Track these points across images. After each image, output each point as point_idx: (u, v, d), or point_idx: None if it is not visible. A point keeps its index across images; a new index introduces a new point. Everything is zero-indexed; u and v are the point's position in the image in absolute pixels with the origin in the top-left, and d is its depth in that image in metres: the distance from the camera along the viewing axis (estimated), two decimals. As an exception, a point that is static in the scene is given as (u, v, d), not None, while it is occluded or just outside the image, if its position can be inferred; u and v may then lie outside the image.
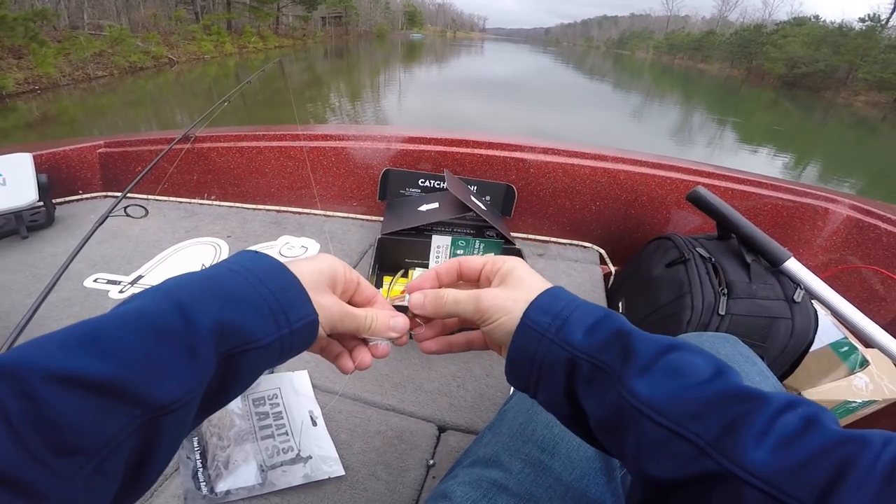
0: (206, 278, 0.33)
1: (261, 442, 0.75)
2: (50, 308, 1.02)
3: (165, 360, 0.27)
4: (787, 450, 0.27)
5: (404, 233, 1.08)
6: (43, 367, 0.23)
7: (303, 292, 0.36)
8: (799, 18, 44.96)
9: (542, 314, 0.37)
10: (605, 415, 0.34)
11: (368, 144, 1.47)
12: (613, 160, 1.43)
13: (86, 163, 1.52)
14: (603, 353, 0.35)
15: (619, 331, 0.35)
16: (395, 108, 11.76)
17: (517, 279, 0.41)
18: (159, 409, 0.26)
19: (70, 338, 0.26)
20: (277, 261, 0.36)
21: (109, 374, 0.25)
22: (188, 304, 0.30)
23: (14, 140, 7.32)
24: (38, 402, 0.22)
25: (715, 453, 0.28)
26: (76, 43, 13.46)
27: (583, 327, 0.36)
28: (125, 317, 0.28)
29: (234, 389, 0.33)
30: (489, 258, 0.44)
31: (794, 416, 0.29)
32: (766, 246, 0.97)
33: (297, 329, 0.34)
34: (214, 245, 1.32)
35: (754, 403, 0.29)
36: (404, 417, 0.85)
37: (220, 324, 0.30)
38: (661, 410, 0.31)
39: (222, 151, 1.52)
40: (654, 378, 0.32)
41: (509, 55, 47.92)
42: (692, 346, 0.35)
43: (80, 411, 0.23)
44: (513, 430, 0.58)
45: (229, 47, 22.06)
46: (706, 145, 10.44)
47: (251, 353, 0.32)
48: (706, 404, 0.30)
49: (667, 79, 34.71)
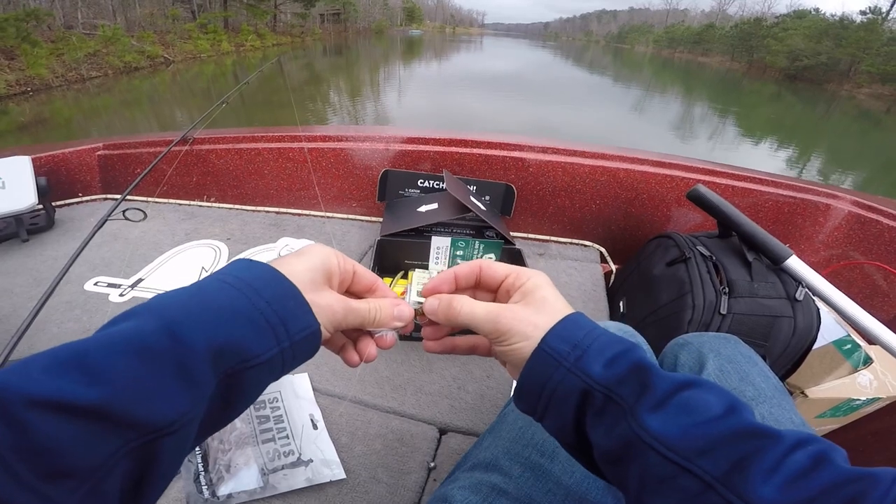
0: (196, 294, 0.32)
1: (262, 445, 0.75)
2: (51, 311, 1.02)
3: (155, 383, 0.27)
4: (796, 487, 0.27)
5: (404, 234, 1.08)
6: (25, 393, 0.23)
7: (302, 301, 0.34)
8: (799, 11, 44.81)
9: (561, 342, 0.36)
10: (612, 446, 0.34)
11: (367, 145, 1.46)
12: (613, 158, 1.42)
13: (85, 165, 1.52)
14: (620, 386, 0.34)
15: (639, 365, 0.35)
16: (395, 105, 11.71)
17: (540, 300, 0.39)
18: (154, 432, 0.26)
19: (53, 361, 0.25)
20: (272, 268, 0.35)
21: (96, 399, 0.24)
22: (178, 322, 0.29)
23: (5, 143, 7.29)
24: (23, 427, 0.22)
25: (722, 489, 0.28)
26: (69, 43, 13.28)
27: (602, 359, 0.35)
28: (111, 339, 0.27)
29: (238, 406, 0.33)
30: (513, 270, 0.42)
31: (803, 454, 0.29)
32: (768, 244, 0.96)
33: (298, 341, 0.34)
34: (214, 248, 1.32)
35: (765, 441, 0.29)
36: (405, 420, 0.85)
37: (215, 343, 0.29)
38: (671, 445, 0.31)
39: (221, 153, 1.52)
40: (668, 414, 0.32)
41: (508, 50, 47.72)
42: (708, 383, 0.35)
43: (67, 436, 0.23)
44: (513, 433, 0.58)
45: (226, 46, 21.89)
46: (708, 138, 10.39)
47: (252, 371, 0.31)
48: (716, 441, 0.30)
49: (667, 72, 34.53)
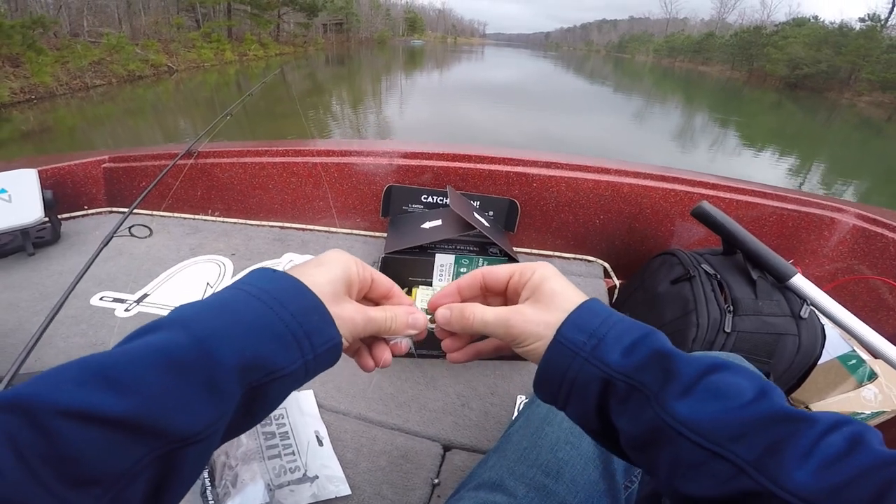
0: (224, 307, 0.32)
1: (268, 461, 0.75)
2: (57, 326, 1.02)
3: (184, 396, 0.27)
4: (830, 471, 0.27)
5: (408, 251, 1.08)
6: (55, 402, 0.23)
7: (326, 314, 0.35)
8: (798, 19, 44.85)
9: (576, 332, 0.36)
10: (639, 433, 0.34)
11: (371, 160, 1.47)
12: (616, 173, 1.42)
13: (90, 178, 1.53)
14: (641, 373, 0.34)
15: (659, 351, 0.34)
16: (397, 116, 11.71)
17: (549, 294, 0.39)
18: (179, 442, 0.26)
19: (84, 373, 0.25)
20: (296, 280, 0.35)
21: (125, 410, 0.25)
22: (208, 337, 0.29)
23: (8, 152, 7.31)
24: (52, 436, 0.23)
25: (754, 472, 0.28)
26: (74, 51, 13.32)
27: (620, 347, 0.35)
28: (141, 351, 0.28)
29: (260, 414, 0.33)
30: (516, 268, 0.42)
31: (838, 437, 0.28)
32: (772, 262, 0.96)
33: (320, 354, 0.34)
34: (219, 263, 1.33)
35: (799, 425, 0.29)
36: (409, 437, 0.85)
37: (243, 358, 0.30)
38: (701, 432, 0.30)
39: (226, 167, 1.52)
40: (696, 400, 0.32)
41: (510, 60, 48.01)
42: (735, 366, 0.34)
43: (95, 445, 0.23)
44: (517, 453, 0.58)
45: (229, 55, 22.03)
46: (709, 148, 10.41)
47: (276, 383, 0.32)
48: (749, 426, 0.30)
49: (668, 82, 34.66)
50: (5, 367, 0.65)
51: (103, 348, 0.98)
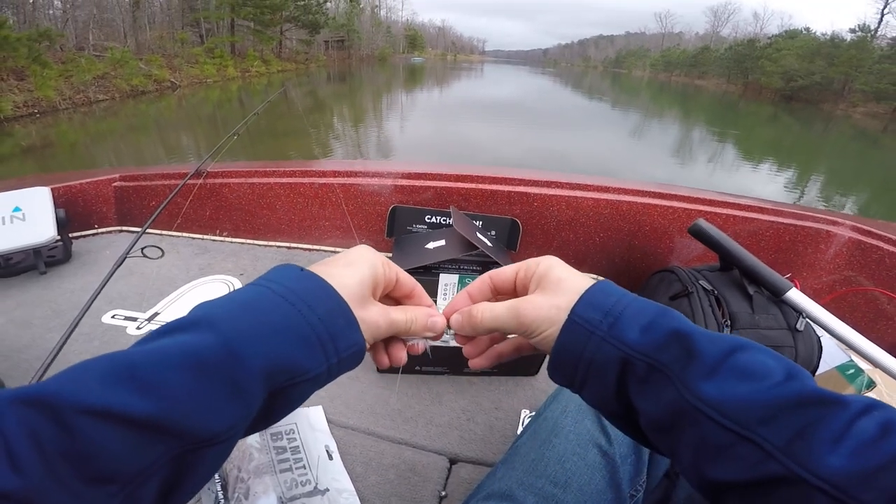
0: (251, 307, 0.31)
1: (279, 475, 0.77)
2: (70, 342, 1.04)
3: (208, 398, 0.27)
4: (862, 456, 0.26)
5: (412, 271, 1.11)
6: (80, 400, 0.24)
7: (352, 319, 0.34)
8: (791, 31, 45.22)
9: (591, 310, 0.35)
10: (661, 415, 0.32)
11: (376, 181, 1.50)
12: (616, 191, 1.45)
13: (101, 197, 1.55)
14: (660, 353, 0.33)
15: (678, 331, 0.33)
16: (398, 134, 11.71)
17: (555, 281, 0.38)
18: (199, 443, 0.27)
19: (109, 371, 0.25)
20: (324, 282, 0.34)
21: (149, 411, 0.25)
22: (235, 339, 0.29)
23: (8, 168, 7.29)
24: (74, 433, 0.23)
25: (782, 457, 0.27)
26: (78, 65, 13.27)
27: (637, 325, 0.34)
28: (168, 350, 0.27)
29: (278, 415, 0.33)
30: (521, 264, 0.41)
31: (870, 421, 0.27)
32: (768, 277, 0.99)
33: (345, 358, 0.34)
34: (228, 283, 1.35)
35: (831, 408, 0.28)
36: (417, 451, 0.87)
37: (269, 363, 0.29)
38: (728, 413, 0.29)
39: (234, 187, 1.55)
40: (722, 380, 0.30)
41: (509, 77, 48.22)
42: (759, 346, 0.33)
43: (116, 444, 0.24)
44: (525, 465, 0.59)
45: (232, 71, 22.13)
46: (707, 162, 10.45)
47: (299, 386, 0.32)
48: (777, 408, 0.28)
49: (665, 97, 34.86)
50: (19, 383, 0.67)
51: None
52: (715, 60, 56.50)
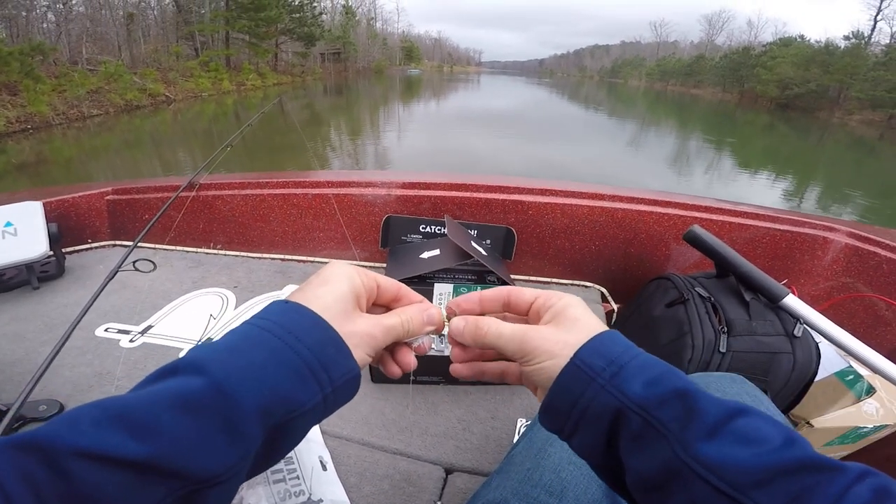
0: (239, 346, 0.32)
1: (273, 486, 0.76)
2: (64, 356, 1.03)
3: (204, 438, 0.27)
4: None
5: (407, 281, 1.11)
6: (73, 444, 0.24)
7: (342, 346, 0.35)
8: (785, 39, 45.60)
9: (596, 357, 0.35)
10: (652, 473, 0.32)
11: (370, 191, 1.49)
12: (611, 199, 1.44)
13: (94, 210, 1.54)
14: (660, 409, 0.32)
15: (681, 390, 0.33)
16: (395, 146, 11.74)
17: (571, 319, 0.38)
18: (199, 483, 0.27)
19: (102, 416, 0.26)
20: (308, 310, 0.35)
21: (144, 453, 0.25)
22: (225, 380, 0.29)
23: (2, 185, 7.29)
24: (69, 476, 0.23)
25: None
26: (71, 79, 13.15)
27: (642, 378, 0.34)
28: (158, 394, 0.28)
29: (282, 451, 0.33)
30: (543, 292, 0.41)
31: (864, 488, 0.27)
32: (764, 283, 0.98)
33: (339, 386, 0.34)
34: (222, 296, 1.34)
35: (827, 474, 0.28)
36: (411, 461, 0.86)
37: (263, 400, 0.30)
38: (724, 476, 0.29)
39: (227, 199, 1.54)
40: (723, 443, 0.30)
41: (505, 88, 48.55)
42: (759, 412, 0.33)
43: (113, 487, 0.24)
44: (521, 474, 0.59)
45: (227, 85, 22.05)
46: (705, 172, 10.48)
47: (297, 419, 0.32)
48: (774, 473, 0.28)
49: (661, 106, 35.01)
50: (13, 396, 0.67)
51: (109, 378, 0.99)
52: (710, 69, 57.04)
